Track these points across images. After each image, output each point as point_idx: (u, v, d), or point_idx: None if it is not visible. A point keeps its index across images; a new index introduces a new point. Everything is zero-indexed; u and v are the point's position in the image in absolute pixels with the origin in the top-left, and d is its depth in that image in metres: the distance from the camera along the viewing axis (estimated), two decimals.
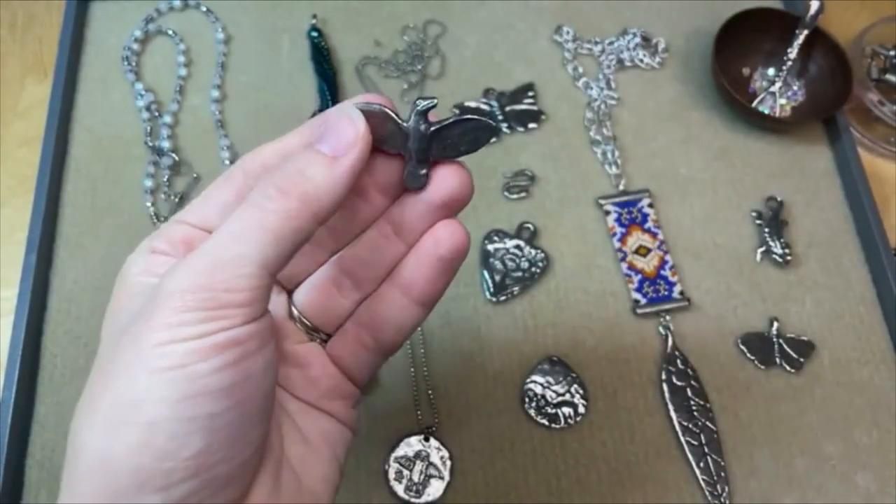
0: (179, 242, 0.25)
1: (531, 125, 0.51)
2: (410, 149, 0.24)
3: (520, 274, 0.46)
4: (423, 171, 0.25)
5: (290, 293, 0.28)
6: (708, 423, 0.42)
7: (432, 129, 0.24)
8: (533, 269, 0.46)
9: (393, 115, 0.24)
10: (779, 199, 0.49)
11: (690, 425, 0.42)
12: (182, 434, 0.20)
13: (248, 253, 0.21)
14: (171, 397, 0.20)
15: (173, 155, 0.48)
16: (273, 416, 0.24)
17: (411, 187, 0.25)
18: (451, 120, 0.25)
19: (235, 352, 0.21)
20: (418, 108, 0.24)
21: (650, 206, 0.48)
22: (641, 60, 0.54)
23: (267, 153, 0.25)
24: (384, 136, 0.25)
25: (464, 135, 0.25)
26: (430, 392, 0.42)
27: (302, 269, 0.28)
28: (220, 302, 0.21)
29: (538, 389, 0.42)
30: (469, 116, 0.25)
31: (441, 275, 0.25)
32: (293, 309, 0.27)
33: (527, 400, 0.42)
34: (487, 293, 0.45)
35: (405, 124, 0.24)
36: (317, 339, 0.27)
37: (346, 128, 0.23)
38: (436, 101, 0.24)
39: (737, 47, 0.52)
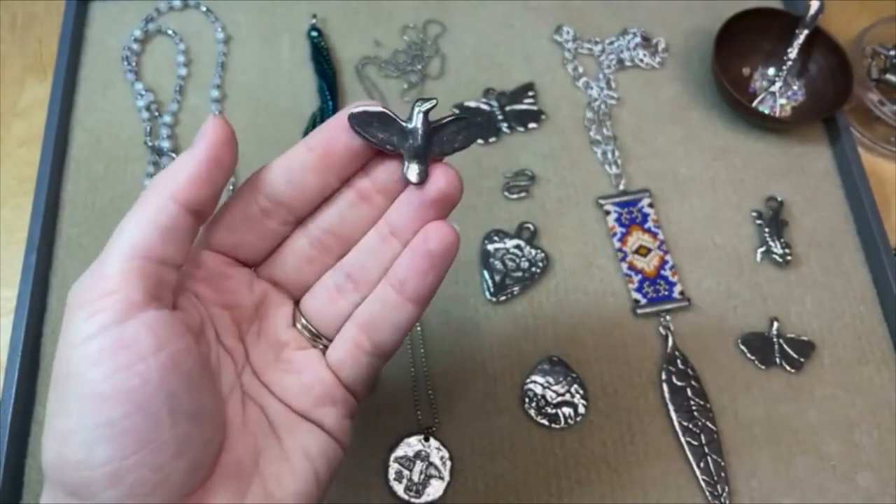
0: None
1: (531, 125, 0.51)
2: (411, 147, 0.26)
3: (520, 274, 0.46)
4: (423, 168, 0.26)
5: (296, 302, 0.29)
6: (708, 423, 0.42)
7: (432, 126, 0.26)
8: (533, 269, 0.46)
9: (393, 115, 0.25)
10: (779, 199, 0.49)
11: (690, 425, 0.42)
12: (89, 442, 0.21)
13: (118, 243, 0.23)
14: (74, 409, 0.21)
15: (173, 155, 0.48)
16: (248, 429, 0.25)
17: (412, 182, 0.26)
18: (447, 119, 0.26)
19: (125, 355, 0.21)
20: (420, 107, 0.25)
21: (650, 205, 0.48)
22: (641, 60, 0.54)
23: (267, 175, 0.27)
24: (385, 138, 0.26)
25: (458, 132, 0.27)
26: (430, 392, 0.42)
27: (310, 276, 0.28)
28: (93, 292, 0.22)
29: (538, 389, 0.42)
30: (462, 115, 0.27)
31: (431, 269, 0.26)
32: (301, 317, 0.28)
33: (527, 400, 0.42)
34: (487, 293, 0.45)
35: (406, 123, 0.26)
36: (318, 346, 0.28)
37: (208, 124, 0.25)
38: (436, 101, 0.26)
39: (737, 47, 0.52)
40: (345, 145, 0.26)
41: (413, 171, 0.26)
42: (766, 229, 0.48)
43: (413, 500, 0.39)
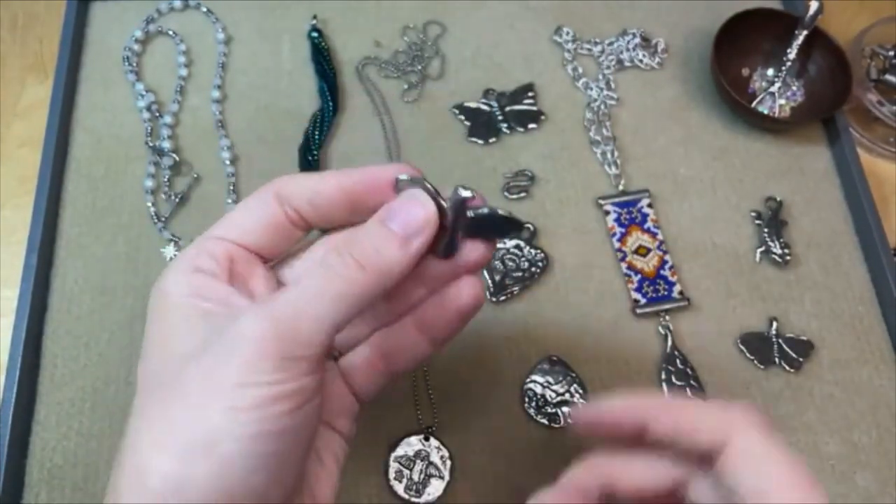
0: (223, 259, 0.26)
1: (531, 125, 0.51)
2: (447, 226, 0.26)
3: (520, 274, 0.46)
4: (454, 244, 0.27)
5: None
6: None
7: (472, 215, 0.26)
8: (533, 268, 0.46)
9: (433, 191, 0.26)
10: (778, 198, 0.49)
11: None
12: (252, 468, 0.22)
13: (326, 314, 0.23)
14: (245, 435, 0.22)
15: (174, 155, 0.48)
16: None
17: (443, 256, 0.27)
18: (487, 212, 0.26)
19: (300, 398, 0.23)
20: (461, 195, 0.26)
21: (650, 206, 0.48)
22: (641, 61, 0.54)
23: (301, 182, 0.27)
24: None
25: (494, 226, 0.27)
26: (430, 392, 0.42)
27: None
28: (295, 354, 0.23)
29: (538, 389, 0.43)
30: (504, 214, 0.27)
31: (458, 322, 0.28)
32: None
33: (527, 399, 0.42)
34: (487, 293, 0.45)
35: (443, 201, 0.26)
36: (331, 357, 0.29)
37: (417, 210, 0.25)
38: (473, 193, 0.26)
39: (736, 47, 0.52)
40: (374, 202, 0.27)
41: (446, 246, 0.27)
42: (766, 229, 0.48)
43: (413, 499, 0.39)
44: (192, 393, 0.22)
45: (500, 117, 0.51)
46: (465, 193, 0.26)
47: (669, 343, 0.44)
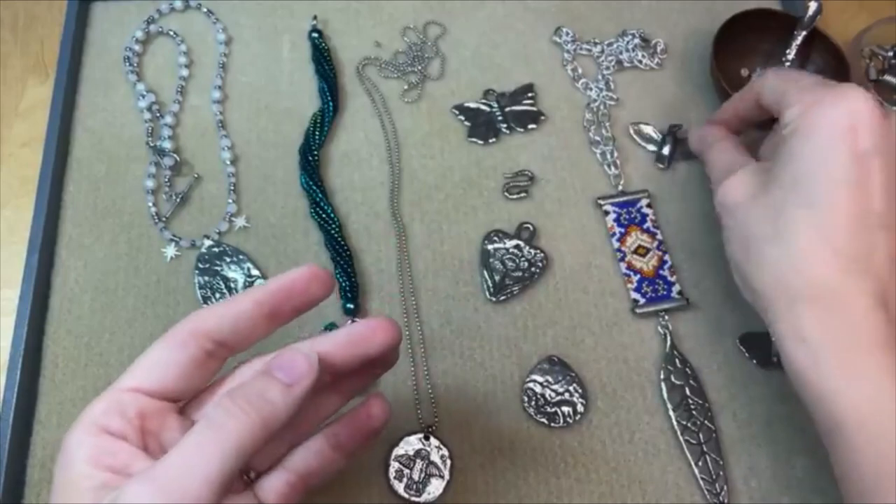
0: (135, 417, 0.26)
1: (531, 126, 0.51)
2: None
3: (519, 274, 0.46)
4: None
5: None
6: (707, 422, 0.42)
7: None
8: (532, 269, 0.46)
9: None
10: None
11: (689, 424, 0.42)
12: None
13: (212, 470, 0.23)
14: None
15: (174, 155, 0.48)
16: None
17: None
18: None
19: None
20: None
21: (649, 206, 0.49)
22: (640, 61, 0.54)
23: (219, 313, 0.27)
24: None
25: None
26: (430, 392, 0.42)
27: None
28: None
29: (538, 389, 0.43)
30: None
31: (371, 439, 0.31)
32: None
33: (526, 399, 0.42)
34: (487, 293, 0.45)
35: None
36: (248, 481, 0.29)
37: (301, 361, 0.26)
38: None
39: (735, 48, 0.52)
40: (293, 307, 0.28)
41: None
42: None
43: (413, 498, 0.39)
44: None
45: (499, 118, 0.51)
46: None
47: (669, 343, 0.44)
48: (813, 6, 0.51)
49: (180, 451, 0.23)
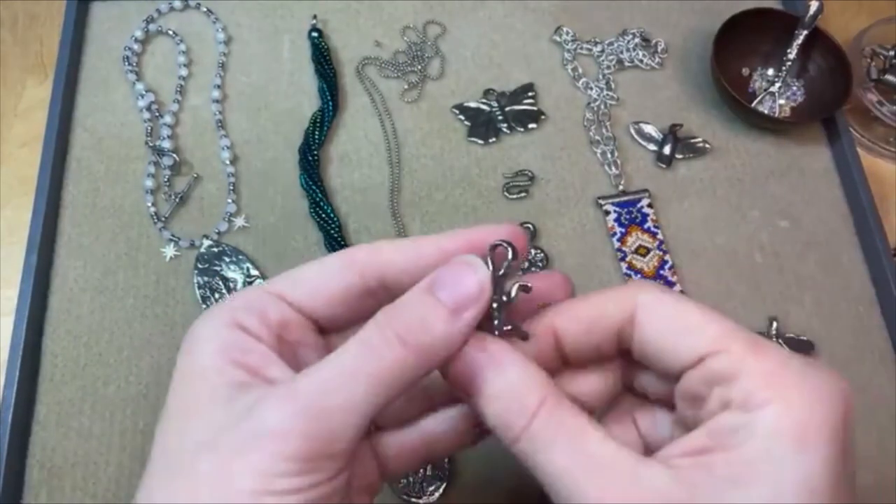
0: (275, 323, 0.23)
1: (531, 125, 0.51)
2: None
3: (519, 274, 0.46)
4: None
5: None
6: None
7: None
8: (533, 269, 0.46)
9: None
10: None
11: None
12: None
13: (359, 401, 0.20)
14: None
15: (174, 155, 0.48)
16: None
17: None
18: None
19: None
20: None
21: (649, 206, 0.48)
22: (641, 61, 0.54)
23: (386, 254, 0.24)
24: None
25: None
26: None
27: None
28: (322, 452, 0.20)
29: None
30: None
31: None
32: None
33: None
34: None
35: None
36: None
37: (468, 277, 0.22)
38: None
39: (736, 47, 0.52)
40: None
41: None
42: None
43: (414, 499, 0.39)
44: (202, 493, 0.19)
45: (499, 117, 0.51)
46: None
47: None
48: (814, 6, 0.51)
49: (330, 369, 0.21)
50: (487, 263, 0.23)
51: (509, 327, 0.23)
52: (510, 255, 0.23)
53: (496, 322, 0.23)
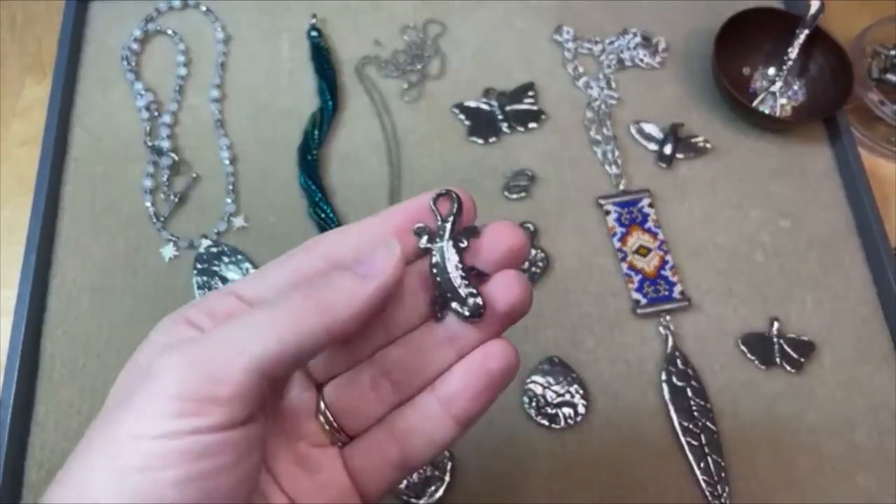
0: (221, 314, 0.23)
1: (531, 125, 0.51)
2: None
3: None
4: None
5: (319, 388, 0.25)
6: (708, 423, 0.42)
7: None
8: (533, 269, 0.46)
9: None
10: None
11: (691, 425, 0.42)
12: None
13: (248, 345, 0.20)
14: (127, 501, 0.19)
15: (173, 155, 0.48)
16: None
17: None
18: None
19: (203, 465, 0.19)
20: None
21: (650, 205, 0.48)
22: (642, 60, 0.54)
23: (334, 237, 0.24)
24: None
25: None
26: None
27: (340, 362, 0.25)
28: (203, 392, 0.19)
29: (538, 390, 0.42)
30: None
31: (486, 391, 0.24)
32: (321, 404, 0.25)
33: (527, 400, 0.42)
34: None
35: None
36: (337, 443, 0.25)
37: (383, 254, 0.23)
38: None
39: (737, 47, 0.52)
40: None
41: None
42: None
43: (413, 500, 0.39)
44: (92, 444, 0.20)
45: (500, 117, 0.51)
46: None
47: (670, 343, 0.44)
48: (815, 5, 0.51)
49: (226, 325, 0.21)
50: (434, 213, 0.24)
51: (473, 270, 0.24)
52: (455, 204, 0.24)
53: (459, 266, 0.23)
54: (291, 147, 0.49)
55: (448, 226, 0.24)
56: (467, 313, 0.23)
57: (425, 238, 0.24)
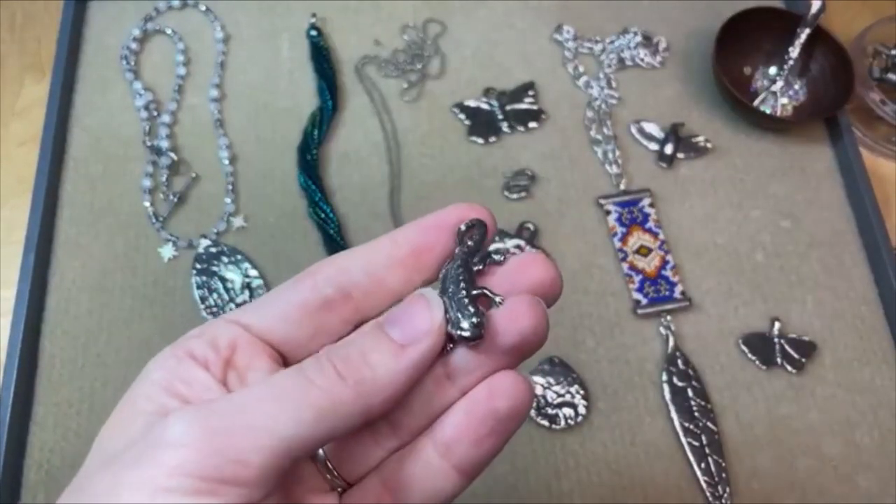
0: (225, 347, 0.21)
1: (531, 124, 0.51)
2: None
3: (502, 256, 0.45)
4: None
5: None
6: (709, 423, 0.42)
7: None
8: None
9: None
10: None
11: (691, 426, 0.42)
12: None
13: (278, 424, 0.18)
14: None
15: (172, 154, 0.48)
16: None
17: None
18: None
19: None
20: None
21: (651, 205, 0.48)
22: (642, 60, 0.54)
23: (342, 261, 0.22)
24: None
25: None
26: None
27: None
28: (222, 473, 0.17)
29: (538, 390, 0.42)
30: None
31: (491, 435, 0.21)
32: (321, 451, 0.23)
33: None
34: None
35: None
36: (337, 488, 0.23)
37: (421, 313, 0.20)
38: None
39: (738, 47, 0.52)
40: (442, 248, 0.22)
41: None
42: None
43: None
44: (85, 496, 0.18)
45: (500, 116, 0.51)
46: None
47: (671, 344, 0.44)
48: (816, 4, 0.51)
49: (250, 393, 0.19)
50: (457, 244, 0.22)
51: (480, 291, 0.21)
52: (478, 232, 0.22)
53: (463, 281, 0.21)
54: (291, 147, 0.49)
55: (465, 247, 0.22)
56: (466, 334, 0.20)
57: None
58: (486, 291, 0.21)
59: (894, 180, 0.52)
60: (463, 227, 0.22)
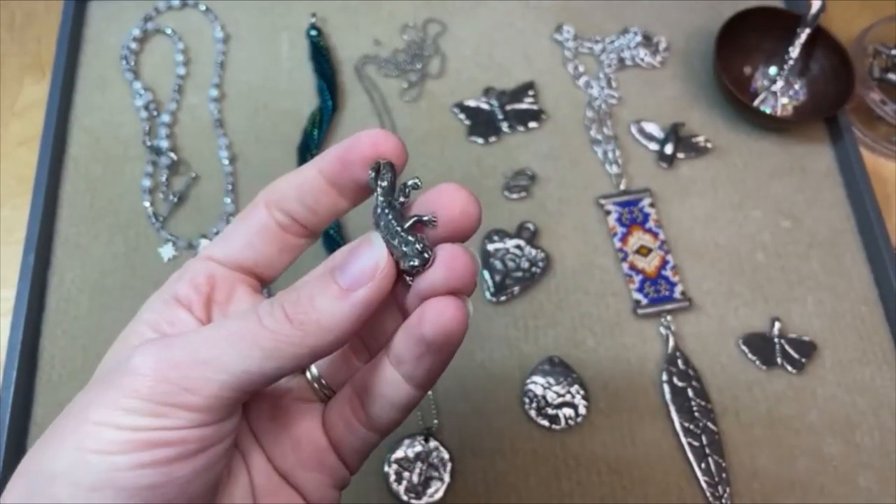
0: (205, 284, 0.24)
1: (531, 124, 0.51)
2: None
3: (520, 274, 0.45)
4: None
5: None
6: (709, 423, 0.42)
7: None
8: (533, 269, 0.46)
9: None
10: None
11: (692, 426, 0.42)
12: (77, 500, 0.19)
13: (228, 360, 0.20)
14: (84, 482, 0.19)
15: (172, 154, 0.48)
16: (229, 490, 0.23)
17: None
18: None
19: (164, 452, 0.20)
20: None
21: (651, 205, 0.48)
22: (642, 59, 0.54)
23: (283, 184, 0.25)
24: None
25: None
26: (430, 392, 0.42)
27: None
28: (174, 399, 0.20)
29: (538, 390, 0.42)
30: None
31: (427, 355, 0.22)
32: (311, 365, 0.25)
33: (527, 400, 0.42)
34: (488, 293, 0.45)
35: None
36: (322, 398, 0.25)
37: (365, 258, 0.21)
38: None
39: (738, 46, 0.52)
40: (353, 179, 0.23)
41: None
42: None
43: (413, 501, 0.39)
44: (62, 425, 0.20)
45: (500, 116, 0.51)
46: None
47: (671, 344, 0.44)
48: (816, 4, 0.51)
49: (207, 333, 0.21)
50: (373, 182, 0.23)
51: (415, 218, 0.22)
52: (389, 170, 0.23)
53: (393, 219, 0.22)
54: (291, 146, 0.49)
55: (381, 187, 0.23)
56: (415, 262, 0.21)
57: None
58: (417, 217, 0.22)
59: (894, 180, 0.52)
60: (372, 172, 0.23)
